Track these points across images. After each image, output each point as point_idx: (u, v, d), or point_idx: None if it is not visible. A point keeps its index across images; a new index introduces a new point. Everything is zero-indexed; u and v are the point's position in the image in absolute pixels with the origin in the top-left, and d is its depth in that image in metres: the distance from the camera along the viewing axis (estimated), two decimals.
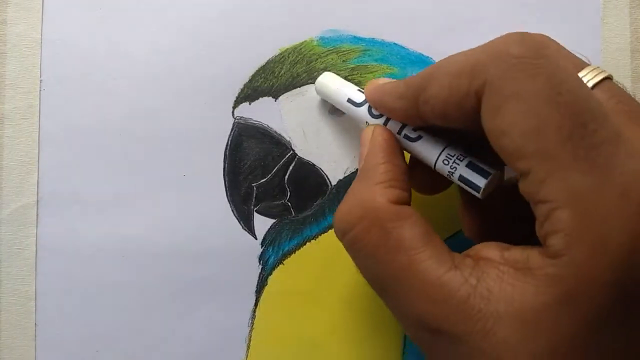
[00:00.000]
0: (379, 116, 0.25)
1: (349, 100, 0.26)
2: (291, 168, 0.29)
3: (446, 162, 0.23)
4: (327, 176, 0.29)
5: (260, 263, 0.29)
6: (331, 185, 0.29)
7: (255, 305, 0.29)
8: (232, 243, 0.29)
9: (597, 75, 0.21)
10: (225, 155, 0.29)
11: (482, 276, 0.19)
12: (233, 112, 0.29)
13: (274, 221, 0.29)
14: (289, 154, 0.29)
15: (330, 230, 0.29)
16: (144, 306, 0.29)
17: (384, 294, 0.22)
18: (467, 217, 0.25)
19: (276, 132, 0.29)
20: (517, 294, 0.18)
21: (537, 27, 0.21)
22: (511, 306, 0.18)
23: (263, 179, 0.29)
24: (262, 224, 0.29)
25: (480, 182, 0.22)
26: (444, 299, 0.19)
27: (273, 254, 0.29)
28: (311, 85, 0.29)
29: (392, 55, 0.29)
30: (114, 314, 0.29)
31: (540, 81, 0.18)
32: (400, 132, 0.24)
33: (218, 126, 0.29)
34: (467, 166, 0.23)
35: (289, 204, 0.29)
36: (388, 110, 0.24)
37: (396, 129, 0.24)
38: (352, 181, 0.29)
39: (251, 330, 0.29)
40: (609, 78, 0.21)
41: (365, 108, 0.25)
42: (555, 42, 0.22)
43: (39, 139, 0.29)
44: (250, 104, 0.29)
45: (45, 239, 0.29)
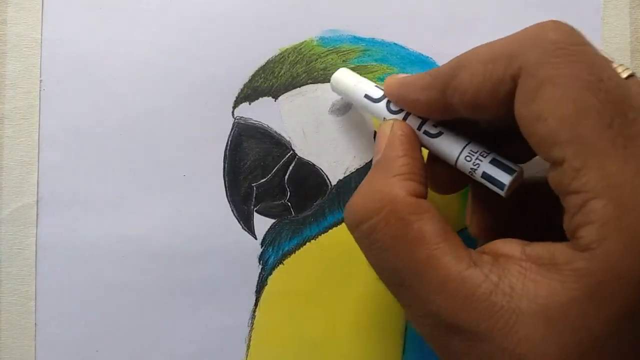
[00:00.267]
0: (397, 112, 0.24)
1: (366, 96, 0.26)
2: (291, 168, 0.29)
3: (469, 159, 0.22)
4: (327, 176, 0.29)
5: (260, 263, 0.29)
6: (331, 185, 0.29)
7: (255, 305, 0.29)
8: (232, 243, 0.29)
9: (624, 71, 0.20)
10: (225, 155, 0.29)
11: (504, 273, 0.19)
12: (233, 112, 0.29)
13: (274, 221, 0.29)
14: (288, 154, 0.29)
15: (330, 231, 0.29)
16: (144, 306, 0.29)
17: (399, 288, 0.21)
18: (476, 215, 0.25)
19: (276, 132, 0.29)
20: (542, 290, 0.18)
21: None
22: (535, 303, 0.18)
23: (263, 179, 0.29)
24: (262, 224, 0.29)
25: (505, 179, 0.22)
26: (465, 295, 0.19)
27: (273, 254, 0.29)
28: (311, 85, 0.29)
29: (392, 55, 0.29)
30: (114, 314, 0.29)
31: (580, 67, 0.18)
32: (420, 128, 0.24)
33: (218, 126, 0.29)
34: (490, 162, 0.22)
35: (289, 204, 0.29)
36: (410, 102, 0.23)
37: (416, 125, 0.24)
38: (352, 181, 0.29)
39: (251, 330, 0.29)
40: (633, 75, 0.21)
41: (384, 104, 0.25)
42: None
43: (39, 139, 0.29)
44: (250, 104, 0.29)
45: (45, 239, 0.29)
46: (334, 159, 0.29)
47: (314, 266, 0.29)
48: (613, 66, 0.20)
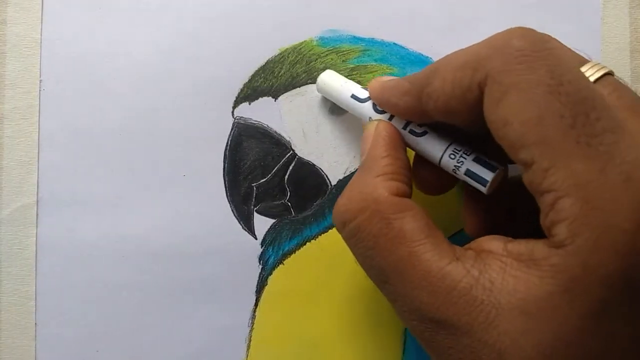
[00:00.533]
0: (383, 112, 0.25)
1: (353, 96, 0.26)
2: (291, 168, 0.29)
3: (452, 157, 0.23)
4: (327, 176, 0.29)
5: (260, 263, 0.29)
6: (331, 185, 0.29)
7: (255, 305, 0.29)
8: (232, 243, 0.29)
9: (598, 70, 0.21)
10: (225, 155, 0.29)
11: (485, 268, 0.19)
12: (233, 112, 0.29)
13: (274, 221, 0.29)
14: (288, 154, 0.29)
15: (330, 230, 0.29)
16: (144, 306, 0.29)
17: (385, 285, 0.22)
18: (469, 215, 0.25)
19: (276, 132, 0.29)
20: (520, 286, 0.18)
21: (537, 27, 0.21)
22: (514, 297, 0.18)
23: (263, 179, 0.29)
24: (262, 224, 0.29)
25: (488, 175, 0.22)
26: (446, 290, 0.19)
27: (273, 254, 0.29)
28: (311, 85, 0.29)
29: (391, 55, 0.29)
30: (114, 314, 0.29)
31: (541, 72, 0.19)
32: (405, 127, 0.24)
33: (218, 126, 0.29)
34: (474, 160, 0.22)
35: (289, 204, 0.29)
36: (392, 107, 0.24)
37: (401, 124, 0.24)
38: None
39: (251, 330, 0.29)
40: (610, 74, 0.21)
41: (370, 104, 0.25)
42: (558, 40, 0.22)
43: (38, 139, 0.29)
44: (250, 104, 0.29)
45: (45, 239, 0.29)
46: (334, 159, 0.29)
47: (314, 266, 0.29)
48: (583, 69, 0.21)
